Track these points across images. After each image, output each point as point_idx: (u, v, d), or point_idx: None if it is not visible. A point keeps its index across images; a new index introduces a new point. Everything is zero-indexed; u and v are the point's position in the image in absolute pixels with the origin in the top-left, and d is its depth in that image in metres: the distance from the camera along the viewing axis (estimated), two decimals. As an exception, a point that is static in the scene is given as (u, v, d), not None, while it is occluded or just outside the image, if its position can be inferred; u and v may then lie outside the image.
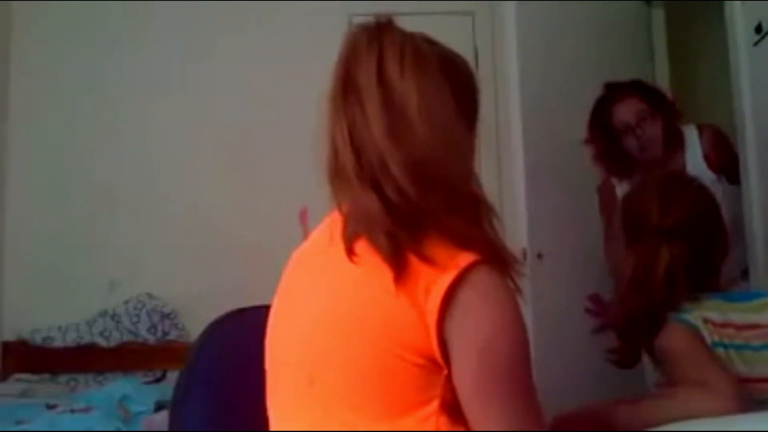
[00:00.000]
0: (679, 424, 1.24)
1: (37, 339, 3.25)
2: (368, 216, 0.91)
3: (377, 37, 0.96)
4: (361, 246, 0.91)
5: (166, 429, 1.16)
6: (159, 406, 2.52)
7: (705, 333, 1.37)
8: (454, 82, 0.99)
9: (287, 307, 1.03)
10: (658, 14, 3.42)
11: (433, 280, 0.86)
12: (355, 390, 0.89)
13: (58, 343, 3.25)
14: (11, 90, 3.44)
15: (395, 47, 0.95)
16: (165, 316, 3.31)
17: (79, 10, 3.46)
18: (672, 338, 1.38)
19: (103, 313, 3.31)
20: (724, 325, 1.39)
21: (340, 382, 0.90)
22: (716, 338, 1.37)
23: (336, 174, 0.96)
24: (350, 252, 0.91)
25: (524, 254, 2.45)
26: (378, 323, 0.88)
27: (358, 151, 0.93)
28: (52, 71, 3.47)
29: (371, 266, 0.89)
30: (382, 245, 0.89)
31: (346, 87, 0.96)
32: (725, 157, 2.31)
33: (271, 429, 0.99)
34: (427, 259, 0.87)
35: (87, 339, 3.27)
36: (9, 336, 3.27)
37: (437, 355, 0.86)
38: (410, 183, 0.90)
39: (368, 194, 0.91)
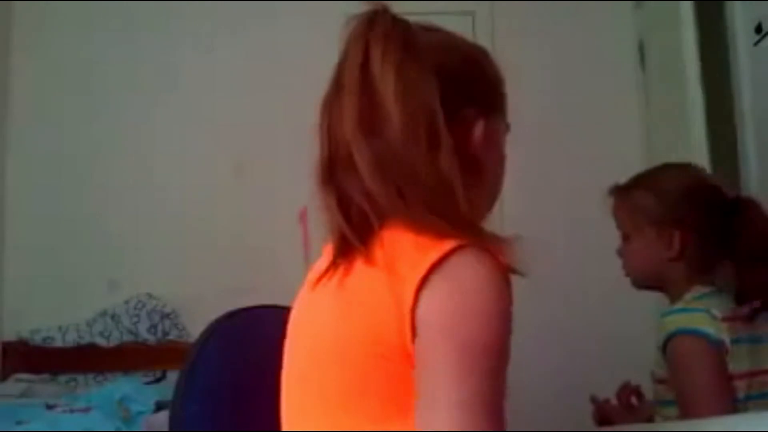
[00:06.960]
0: (679, 424, 1.24)
1: (37, 339, 3.24)
2: (329, 215, 0.92)
3: (366, 28, 0.91)
4: None
5: (166, 429, 1.16)
6: (159, 406, 2.51)
7: (722, 336, 1.36)
8: (448, 68, 0.94)
9: (300, 305, 1.02)
10: (659, 14, 3.41)
11: (412, 273, 0.82)
12: (347, 392, 0.88)
13: (58, 343, 3.24)
14: (11, 90, 3.43)
15: (381, 37, 0.90)
16: (165, 316, 3.30)
17: (79, 9, 3.45)
18: (678, 350, 1.38)
19: (103, 313, 3.30)
20: (733, 318, 1.40)
21: (333, 384, 0.89)
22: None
23: (319, 175, 0.95)
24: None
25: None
26: (362, 325, 0.85)
27: (334, 150, 0.92)
28: (52, 71, 3.46)
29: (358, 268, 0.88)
30: (335, 245, 0.89)
31: (336, 85, 0.93)
32: None
33: (282, 429, 0.98)
34: (389, 261, 0.84)
35: (87, 339, 3.26)
36: (9, 336, 3.26)
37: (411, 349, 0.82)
38: (376, 178, 0.87)
39: (330, 192, 0.91)
